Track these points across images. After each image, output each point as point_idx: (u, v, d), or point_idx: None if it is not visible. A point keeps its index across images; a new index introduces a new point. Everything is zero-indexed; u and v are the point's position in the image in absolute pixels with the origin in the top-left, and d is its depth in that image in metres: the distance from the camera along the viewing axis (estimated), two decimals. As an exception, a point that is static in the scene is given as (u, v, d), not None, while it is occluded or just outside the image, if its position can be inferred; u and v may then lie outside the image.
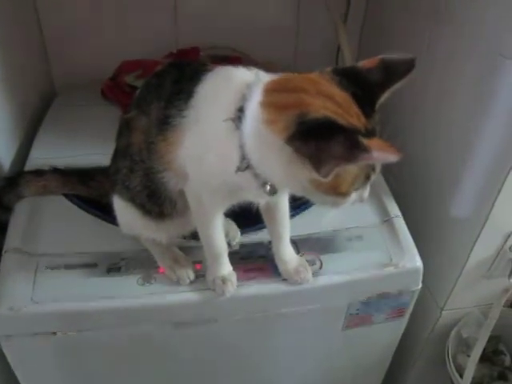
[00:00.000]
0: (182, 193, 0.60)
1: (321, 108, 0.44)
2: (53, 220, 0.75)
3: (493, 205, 0.79)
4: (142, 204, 0.63)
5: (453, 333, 0.98)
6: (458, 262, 0.88)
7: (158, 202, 0.62)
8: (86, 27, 1.06)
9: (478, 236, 0.83)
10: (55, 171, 0.78)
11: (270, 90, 0.48)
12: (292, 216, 0.68)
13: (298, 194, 0.52)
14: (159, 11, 1.06)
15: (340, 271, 0.71)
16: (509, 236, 0.84)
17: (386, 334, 0.82)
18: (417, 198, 0.92)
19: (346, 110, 0.45)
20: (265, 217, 0.67)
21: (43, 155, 0.85)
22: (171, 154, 0.55)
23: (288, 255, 0.69)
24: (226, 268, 0.66)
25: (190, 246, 0.72)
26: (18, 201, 0.76)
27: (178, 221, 0.65)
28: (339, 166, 0.43)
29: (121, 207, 0.66)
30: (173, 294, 0.67)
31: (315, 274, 0.70)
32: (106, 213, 0.73)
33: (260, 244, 0.74)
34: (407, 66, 0.49)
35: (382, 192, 0.84)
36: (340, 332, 0.78)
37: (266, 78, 0.50)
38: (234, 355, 0.77)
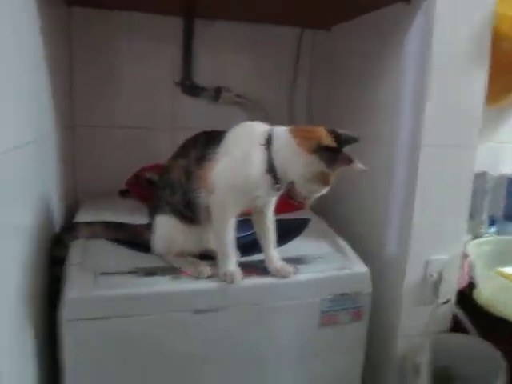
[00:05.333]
0: (206, 208, 0.93)
1: (327, 141, 0.86)
2: (101, 250, 1.02)
3: (409, 237, 1.15)
4: (180, 211, 0.95)
5: (408, 360, 1.21)
6: (396, 291, 1.19)
7: (190, 209, 0.94)
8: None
9: (405, 266, 1.17)
10: (101, 222, 1.08)
11: (296, 130, 0.89)
12: (278, 245, 1.02)
13: (300, 182, 0.88)
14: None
15: (311, 271, 1.01)
16: (427, 264, 1.18)
17: (352, 335, 1.06)
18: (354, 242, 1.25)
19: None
20: (257, 228, 1.00)
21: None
22: (205, 176, 0.91)
23: (275, 256, 0.99)
24: (234, 264, 0.95)
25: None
26: (73, 240, 1.04)
27: (201, 228, 0.96)
28: (342, 166, 0.85)
29: (163, 220, 0.97)
30: (195, 284, 0.93)
31: (294, 274, 0.99)
32: (138, 248, 1.04)
33: (253, 261, 1.03)
34: (356, 140, 0.90)
35: (333, 236, 1.20)
36: (316, 329, 1.02)
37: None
38: (233, 343, 0.97)
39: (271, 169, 0.88)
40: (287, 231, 1.19)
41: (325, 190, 0.91)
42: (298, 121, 1.65)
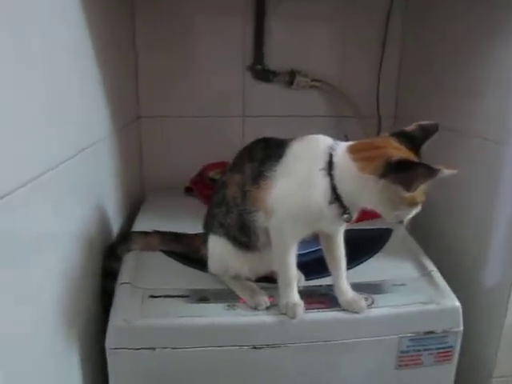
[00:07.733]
0: (264, 231, 0.80)
1: (397, 154, 0.69)
2: (153, 266, 0.94)
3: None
4: (234, 236, 0.84)
5: (505, 404, 1.02)
6: (496, 325, 0.99)
7: (246, 234, 0.82)
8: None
9: (509, 297, 0.96)
10: (157, 232, 1.00)
11: (356, 150, 0.73)
12: (349, 268, 0.86)
13: (381, 211, 0.73)
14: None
15: (389, 305, 0.85)
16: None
17: (437, 378, 0.90)
18: (449, 269, 1.06)
19: (409, 154, 0.70)
20: (325, 253, 0.85)
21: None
22: (263, 197, 0.77)
23: (346, 287, 0.84)
24: (296, 295, 0.82)
25: (263, 286, 0.88)
26: (126, 253, 0.97)
27: (258, 255, 0.84)
28: (424, 182, 0.67)
29: (216, 242, 0.86)
30: (253, 317, 0.81)
31: (368, 307, 0.84)
32: (194, 264, 0.94)
33: (320, 286, 0.90)
34: (434, 128, 0.74)
35: (420, 254, 1.01)
36: (393, 371, 0.87)
37: (340, 142, 0.76)
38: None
39: (337, 198, 0.73)
40: (364, 246, 1.03)
41: (417, 210, 0.73)
42: (385, 109, 1.44)
